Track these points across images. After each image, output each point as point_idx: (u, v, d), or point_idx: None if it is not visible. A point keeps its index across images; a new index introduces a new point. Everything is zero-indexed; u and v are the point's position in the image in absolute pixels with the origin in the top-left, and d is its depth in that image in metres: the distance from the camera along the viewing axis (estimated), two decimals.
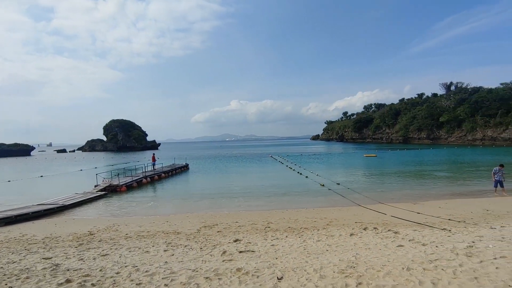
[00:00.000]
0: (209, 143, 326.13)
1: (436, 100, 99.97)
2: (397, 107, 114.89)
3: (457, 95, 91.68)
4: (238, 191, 19.58)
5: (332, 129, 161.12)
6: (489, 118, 78.44)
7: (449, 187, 19.27)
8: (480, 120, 79.56)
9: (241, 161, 48.53)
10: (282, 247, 7.30)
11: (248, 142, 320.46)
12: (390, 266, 5.15)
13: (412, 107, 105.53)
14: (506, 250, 5.90)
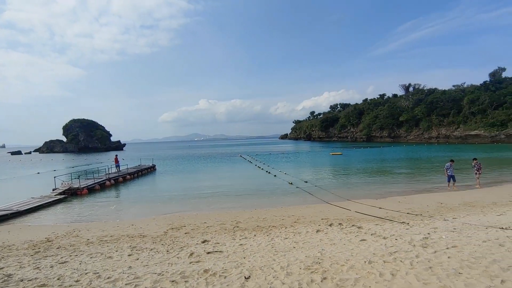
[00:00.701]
0: (177, 143, 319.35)
1: (396, 100, 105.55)
2: (360, 107, 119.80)
3: (415, 96, 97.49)
4: (207, 192, 19.37)
5: (300, 128, 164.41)
6: (443, 118, 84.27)
7: (408, 182, 20.44)
8: (435, 120, 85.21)
9: (210, 161, 48.04)
10: (251, 246, 7.33)
11: (217, 141, 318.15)
12: (353, 260, 5.35)
13: (374, 107, 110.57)
14: (457, 240, 6.37)
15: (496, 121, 72.26)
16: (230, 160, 47.33)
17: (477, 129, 75.27)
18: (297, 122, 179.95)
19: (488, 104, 75.43)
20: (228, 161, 45.61)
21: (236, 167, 36.76)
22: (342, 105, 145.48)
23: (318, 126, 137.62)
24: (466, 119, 79.27)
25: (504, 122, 71.15)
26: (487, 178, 19.79)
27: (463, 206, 11.86)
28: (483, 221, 8.33)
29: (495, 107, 75.00)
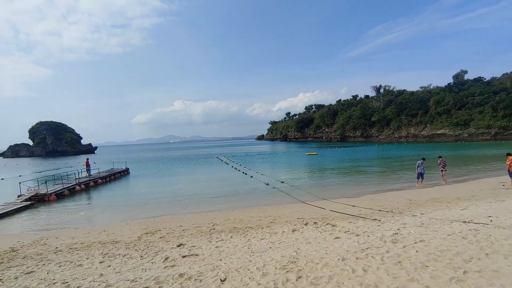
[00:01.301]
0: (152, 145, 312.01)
1: (368, 101, 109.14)
2: (334, 107, 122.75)
3: (386, 97, 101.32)
4: (183, 194, 19.07)
5: (276, 129, 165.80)
6: (411, 118, 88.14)
7: (380, 181, 21.18)
8: (405, 120, 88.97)
9: (186, 162, 47.34)
10: (227, 248, 7.30)
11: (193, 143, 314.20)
12: (327, 258, 5.47)
13: (348, 108, 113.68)
14: (424, 234, 6.67)
15: (459, 121, 76.56)
16: (206, 162, 46.89)
17: (442, 128, 79.37)
18: (273, 123, 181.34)
19: (452, 105, 79.77)
20: (205, 163, 45.16)
21: (212, 168, 36.47)
22: (317, 106, 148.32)
23: (293, 126, 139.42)
24: (433, 119, 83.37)
25: (466, 122, 75.54)
26: (452, 175, 20.89)
27: (430, 202, 12.45)
28: (448, 216, 8.79)
29: (458, 108, 79.42)
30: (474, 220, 7.74)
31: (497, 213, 8.65)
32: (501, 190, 14.35)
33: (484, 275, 4.17)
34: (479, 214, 8.74)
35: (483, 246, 5.41)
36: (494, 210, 9.17)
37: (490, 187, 15.39)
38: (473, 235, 6.17)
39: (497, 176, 19.25)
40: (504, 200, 11.18)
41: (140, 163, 50.01)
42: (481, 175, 20.92)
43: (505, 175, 16.54)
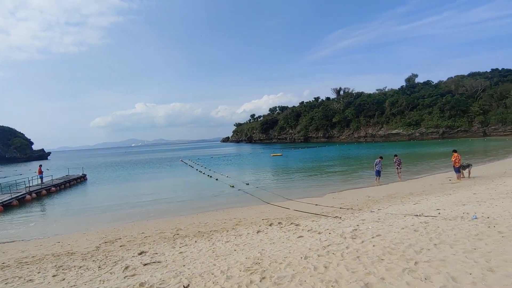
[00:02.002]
0: (112, 149, 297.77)
1: (329, 103, 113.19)
2: (298, 109, 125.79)
3: (345, 99, 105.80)
4: (146, 200, 18.41)
5: (241, 131, 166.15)
6: (369, 119, 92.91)
7: (341, 179, 22.05)
8: (363, 120, 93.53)
9: (149, 167, 45.77)
10: (191, 253, 7.16)
11: (157, 146, 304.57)
12: (291, 257, 5.57)
13: (310, 110, 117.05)
14: (381, 229, 7.04)
15: (412, 121, 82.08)
16: (170, 166, 45.70)
17: (397, 128, 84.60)
18: (238, 125, 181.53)
19: (405, 106, 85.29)
20: (168, 167, 43.99)
21: (176, 172, 35.63)
22: (280, 107, 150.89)
23: (258, 128, 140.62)
24: (388, 119, 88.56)
25: (418, 122, 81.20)
26: (409, 172, 22.31)
27: (386, 198, 13.18)
28: (402, 210, 9.37)
29: (410, 109, 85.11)
30: (424, 213, 8.32)
31: (444, 206, 9.38)
32: (448, 184, 15.58)
33: (432, 265, 4.49)
34: (429, 207, 9.41)
35: (432, 237, 5.83)
36: (442, 203, 9.94)
37: (439, 182, 16.65)
38: (424, 228, 6.63)
39: (445, 172, 20.86)
40: (451, 194, 12.15)
41: (99, 169, 47.48)
42: (432, 172, 22.57)
43: (452, 171, 17.96)
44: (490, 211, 7.62)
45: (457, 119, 75.65)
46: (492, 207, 8.18)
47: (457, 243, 5.35)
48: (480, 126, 72.48)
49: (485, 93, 75.74)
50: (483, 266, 4.29)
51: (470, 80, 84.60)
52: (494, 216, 7.04)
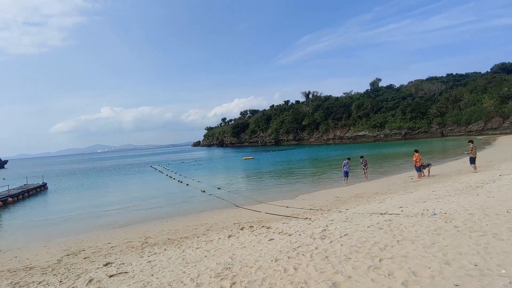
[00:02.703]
0: (76, 156, 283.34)
1: (299, 106, 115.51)
2: (268, 112, 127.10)
3: (314, 102, 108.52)
4: (112, 208, 17.65)
5: (213, 135, 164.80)
6: (337, 121, 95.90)
7: (311, 181, 22.51)
8: (331, 123, 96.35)
9: (116, 173, 43.99)
10: (160, 261, 6.96)
11: (125, 152, 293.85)
12: (261, 260, 5.59)
13: (280, 113, 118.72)
14: (348, 228, 7.27)
15: (376, 123, 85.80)
16: (139, 171, 44.22)
17: (363, 130, 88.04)
18: (209, 129, 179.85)
19: (370, 109, 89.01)
20: (137, 173, 42.55)
21: (145, 178, 34.56)
22: (251, 111, 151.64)
23: (230, 132, 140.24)
24: (355, 122, 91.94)
25: (382, 124, 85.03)
26: (376, 172, 23.23)
27: (354, 198, 13.63)
28: (368, 209, 9.73)
29: (375, 111, 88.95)
30: (389, 211, 8.70)
31: (407, 203, 9.87)
32: (410, 183, 16.41)
33: (395, 261, 4.70)
34: (393, 205, 9.85)
35: (395, 234, 6.11)
36: (404, 201, 10.45)
37: (402, 181, 17.49)
38: (388, 225, 6.93)
39: (408, 171, 21.96)
40: (412, 192, 12.81)
41: (61, 177, 44.88)
42: (395, 171, 23.67)
43: (413, 170, 18.94)
44: (447, 207, 8.12)
45: (417, 120, 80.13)
46: (449, 203, 8.72)
47: (417, 239, 5.64)
48: (438, 127, 77.26)
49: (441, 96, 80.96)
50: (440, 259, 4.56)
51: (428, 84, 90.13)
52: (450, 211, 7.50)
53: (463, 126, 71.64)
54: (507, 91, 65.62)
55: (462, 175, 16.42)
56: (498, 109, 65.02)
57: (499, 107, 64.98)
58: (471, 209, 7.40)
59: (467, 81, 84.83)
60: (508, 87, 66.46)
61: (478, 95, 71.78)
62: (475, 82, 79.96)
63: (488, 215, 6.68)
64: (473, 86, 77.36)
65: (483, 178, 13.31)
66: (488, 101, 67.03)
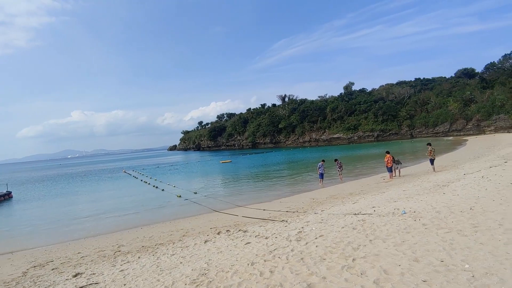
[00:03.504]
0: (45, 162, 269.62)
1: (275, 109, 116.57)
2: (245, 116, 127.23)
3: (290, 105, 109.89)
4: (84, 216, 16.93)
5: (189, 138, 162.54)
6: (313, 124, 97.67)
7: (288, 183, 22.73)
8: (307, 126, 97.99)
9: (87, 180, 42.26)
10: (133, 270, 6.74)
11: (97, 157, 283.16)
12: (237, 264, 5.56)
13: (257, 116, 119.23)
14: (324, 229, 7.39)
15: (350, 126, 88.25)
16: (111, 177, 42.74)
17: (338, 132, 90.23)
18: (186, 133, 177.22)
19: (344, 112, 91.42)
20: (110, 178, 41.10)
21: (119, 184, 33.44)
22: (228, 114, 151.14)
23: (206, 135, 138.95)
24: (330, 124, 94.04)
25: (356, 126, 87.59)
26: (351, 174, 23.80)
27: (329, 199, 13.90)
28: (343, 210, 9.96)
29: (349, 114, 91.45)
30: (362, 211, 8.94)
31: (379, 203, 10.19)
32: (382, 183, 16.97)
33: (368, 260, 4.83)
34: (366, 205, 10.14)
35: (368, 234, 6.28)
36: (377, 201, 10.78)
37: (374, 182, 18.05)
38: (361, 225, 7.11)
39: (380, 172, 22.70)
40: (384, 192, 13.25)
41: (28, 184, 42.50)
42: (368, 172, 24.40)
43: (385, 170, 19.60)
44: (416, 206, 8.47)
45: (388, 123, 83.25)
46: (418, 202, 9.10)
47: (389, 238, 5.83)
48: (408, 129, 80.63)
49: (410, 99, 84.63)
50: (410, 257, 4.74)
51: (398, 88, 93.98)
52: (419, 210, 7.83)
53: (431, 128, 75.19)
54: (470, 95, 69.69)
55: (430, 174, 17.20)
56: (461, 112, 68.84)
57: (462, 109, 68.83)
58: (438, 207, 7.76)
59: (434, 85, 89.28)
60: (470, 91, 70.59)
61: (444, 99, 75.67)
62: (441, 86, 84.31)
63: (454, 212, 7.03)
64: (439, 90, 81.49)
65: (449, 177, 14.01)
66: (453, 104, 70.84)
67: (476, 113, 65.65)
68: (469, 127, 67.26)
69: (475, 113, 65.91)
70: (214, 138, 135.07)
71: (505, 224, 5.68)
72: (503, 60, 70.93)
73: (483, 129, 63.71)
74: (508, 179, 10.39)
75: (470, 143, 44.46)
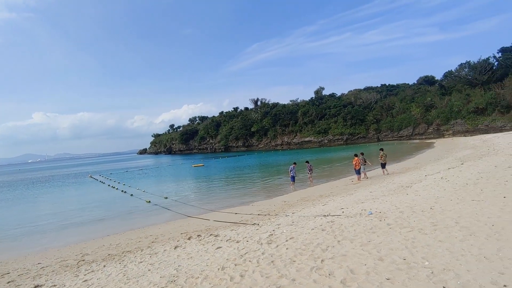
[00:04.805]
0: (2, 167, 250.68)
1: (247, 113, 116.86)
2: (218, 119, 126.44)
3: (263, 109, 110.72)
4: (44, 224, 15.93)
5: (160, 142, 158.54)
6: (285, 128, 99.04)
7: (260, 186, 22.80)
8: (279, 129, 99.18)
9: (50, 185, 39.87)
10: (98, 280, 6.44)
11: (61, 161, 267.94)
12: (208, 270, 5.49)
13: (230, 119, 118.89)
14: (294, 231, 7.49)
15: (321, 129, 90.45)
16: (76, 182, 40.65)
17: (309, 136, 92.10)
18: (157, 136, 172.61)
19: (315, 116, 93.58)
20: (74, 184, 39.07)
21: (84, 189, 31.87)
22: (200, 117, 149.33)
23: (178, 139, 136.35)
24: (301, 128, 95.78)
25: (326, 130, 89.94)
26: (318, 176, 24.33)
27: (300, 202, 14.12)
28: (313, 212, 10.15)
29: (319, 118, 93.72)
30: (331, 213, 9.17)
31: (347, 205, 10.50)
32: (351, 186, 17.52)
33: (335, 260, 4.96)
34: (335, 207, 10.42)
35: (336, 235, 6.45)
36: (345, 203, 11.11)
37: (343, 184, 18.60)
38: (330, 226, 7.30)
39: (349, 175, 23.42)
40: (352, 194, 13.69)
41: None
42: (338, 174, 25.09)
43: (354, 173, 20.26)
44: (382, 206, 8.83)
45: (357, 127, 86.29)
46: (383, 203, 9.49)
47: (356, 238, 6.03)
48: (375, 133, 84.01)
49: (377, 104, 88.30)
50: (375, 256, 4.92)
51: (365, 93, 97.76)
52: (384, 210, 8.17)
53: (396, 132, 78.86)
54: (430, 101, 73.97)
55: (395, 176, 18.01)
56: (423, 117, 72.86)
57: (424, 114, 72.88)
58: (401, 207, 8.14)
59: (398, 91, 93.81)
60: (430, 97, 74.94)
61: (407, 104, 79.70)
62: (404, 92, 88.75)
63: (415, 212, 7.40)
64: (403, 95, 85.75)
65: (412, 179, 14.75)
66: (415, 109, 74.82)
67: (436, 118, 69.73)
68: (430, 131, 71.26)
69: (435, 118, 69.99)
70: (186, 141, 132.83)
71: (461, 222, 6.07)
72: (459, 68, 75.95)
73: (443, 133, 67.74)
74: (464, 180, 11.12)
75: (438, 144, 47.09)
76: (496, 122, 57.40)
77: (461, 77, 73.85)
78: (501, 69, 66.39)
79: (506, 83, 60.38)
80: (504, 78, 63.05)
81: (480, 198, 7.88)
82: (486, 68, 68.10)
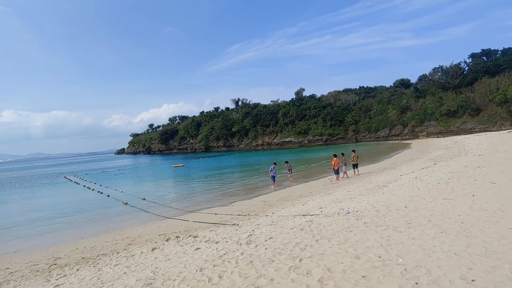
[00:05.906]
0: None
1: (228, 113, 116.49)
2: (198, 119, 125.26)
3: (244, 109, 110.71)
4: (13, 227, 15.18)
5: (139, 141, 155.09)
6: (265, 128, 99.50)
7: (240, 186, 22.76)
8: (260, 130, 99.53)
9: (20, 186, 38.04)
10: (70, 284, 6.21)
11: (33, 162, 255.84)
12: (186, 271, 5.40)
13: (210, 119, 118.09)
14: (273, 231, 7.52)
15: (301, 130, 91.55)
16: (49, 183, 39.00)
17: (289, 136, 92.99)
18: (135, 136, 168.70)
19: (295, 117, 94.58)
20: (47, 185, 37.47)
21: (57, 190, 30.64)
22: (181, 117, 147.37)
23: (157, 138, 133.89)
24: (282, 128, 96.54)
25: (306, 131, 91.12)
26: (298, 176, 24.58)
27: (280, 202, 14.21)
28: (292, 212, 10.24)
29: (300, 119, 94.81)
30: (310, 212, 9.28)
31: (326, 204, 10.67)
32: (329, 185, 17.82)
33: (313, 259, 5.02)
34: (314, 207, 10.55)
35: (314, 234, 6.53)
36: (324, 202, 11.28)
37: (322, 184, 18.89)
38: (309, 226, 7.38)
39: (328, 174, 23.80)
40: (331, 193, 13.92)
41: None
42: (317, 174, 25.44)
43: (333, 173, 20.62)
44: (359, 205, 9.03)
45: (336, 128, 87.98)
46: (360, 202, 9.71)
47: (333, 237, 6.13)
48: (353, 134, 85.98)
49: (355, 106, 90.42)
50: (351, 254, 5.02)
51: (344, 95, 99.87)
52: (361, 209, 8.36)
53: (373, 133, 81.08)
54: (406, 103, 76.63)
55: (372, 176, 18.49)
56: (399, 118, 75.36)
57: (400, 116, 75.40)
58: (377, 206, 8.36)
59: (375, 93, 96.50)
60: (406, 100, 77.64)
61: (384, 106, 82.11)
62: (382, 94, 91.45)
63: (391, 210, 7.62)
64: (380, 98, 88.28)
65: (388, 178, 15.19)
66: (392, 111, 77.20)
67: (411, 120, 72.31)
68: (406, 132, 73.78)
69: (410, 120, 72.56)
70: (165, 141, 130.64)
71: (433, 220, 6.30)
72: (433, 72, 79.18)
73: (417, 134, 70.32)
74: (436, 179, 11.57)
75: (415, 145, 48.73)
76: (467, 124, 60.29)
77: (435, 80, 76.91)
78: (471, 73, 69.80)
79: (476, 87, 63.55)
80: (474, 82, 66.35)
81: (451, 196, 8.22)
82: (457, 73, 71.32)
